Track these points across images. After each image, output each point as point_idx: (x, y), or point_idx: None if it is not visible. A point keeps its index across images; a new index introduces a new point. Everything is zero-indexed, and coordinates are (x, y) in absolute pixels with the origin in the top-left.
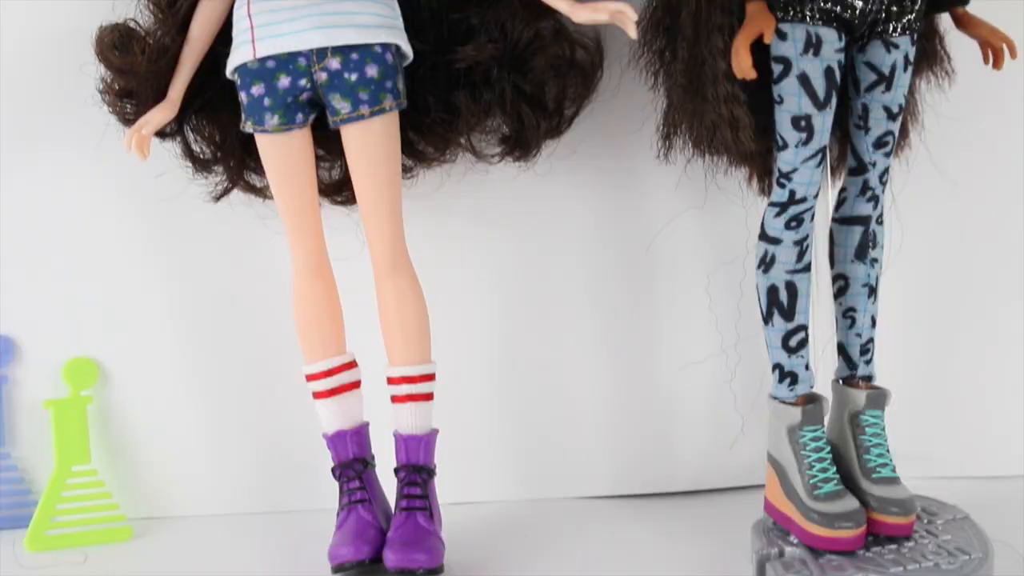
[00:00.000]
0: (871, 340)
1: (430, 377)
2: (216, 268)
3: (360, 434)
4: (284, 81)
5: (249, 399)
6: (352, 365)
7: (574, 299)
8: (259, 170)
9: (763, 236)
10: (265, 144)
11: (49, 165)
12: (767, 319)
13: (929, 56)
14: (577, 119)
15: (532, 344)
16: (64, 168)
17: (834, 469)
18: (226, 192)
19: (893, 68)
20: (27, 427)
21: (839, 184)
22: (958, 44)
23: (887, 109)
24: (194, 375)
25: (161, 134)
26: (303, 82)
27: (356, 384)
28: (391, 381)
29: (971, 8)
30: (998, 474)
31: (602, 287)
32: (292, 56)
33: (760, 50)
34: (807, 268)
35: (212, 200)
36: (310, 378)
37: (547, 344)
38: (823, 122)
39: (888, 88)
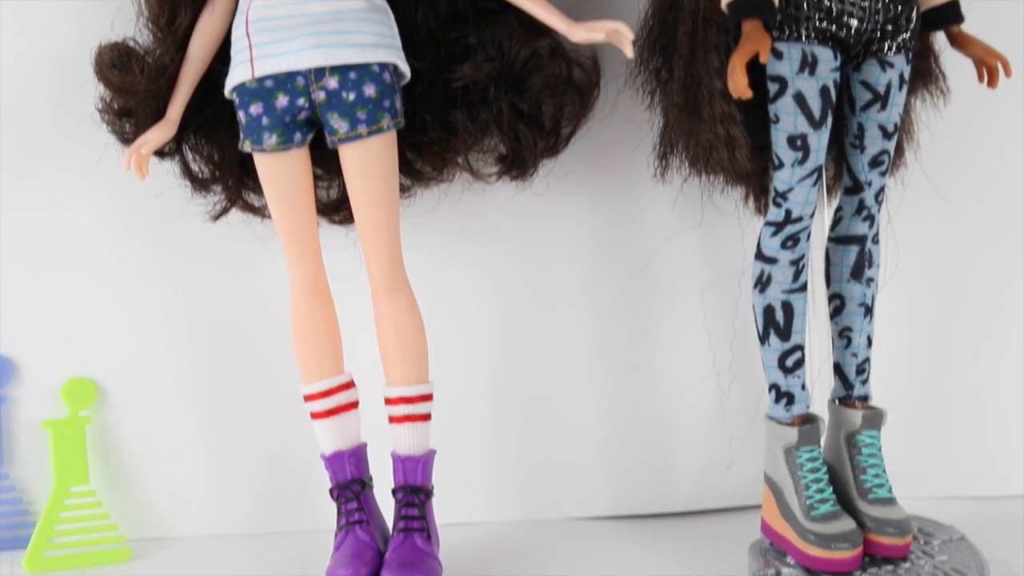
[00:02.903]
0: (867, 360)
1: (428, 398)
2: (215, 288)
3: (358, 455)
4: (282, 100)
5: (247, 419)
6: (350, 385)
7: (571, 318)
8: (257, 189)
9: (759, 256)
10: (263, 164)
11: (48, 184)
12: (763, 339)
13: (924, 75)
14: (574, 138)
15: (529, 364)
16: (63, 187)
17: (831, 490)
18: (224, 211)
19: (888, 87)
20: (26, 447)
21: (835, 203)
22: (953, 63)
23: (882, 128)
24: (193, 396)
25: (160, 153)
26: (301, 101)
27: (354, 404)
28: (389, 402)
29: (968, 17)
30: (994, 494)
31: (599, 306)
32: (290, 75)
33: (756, 69)
34: (803, 288)
35: (211, 219)
36: (308, 398)
37: (544, 363)
38: (819, 141)
39: (883, 107)
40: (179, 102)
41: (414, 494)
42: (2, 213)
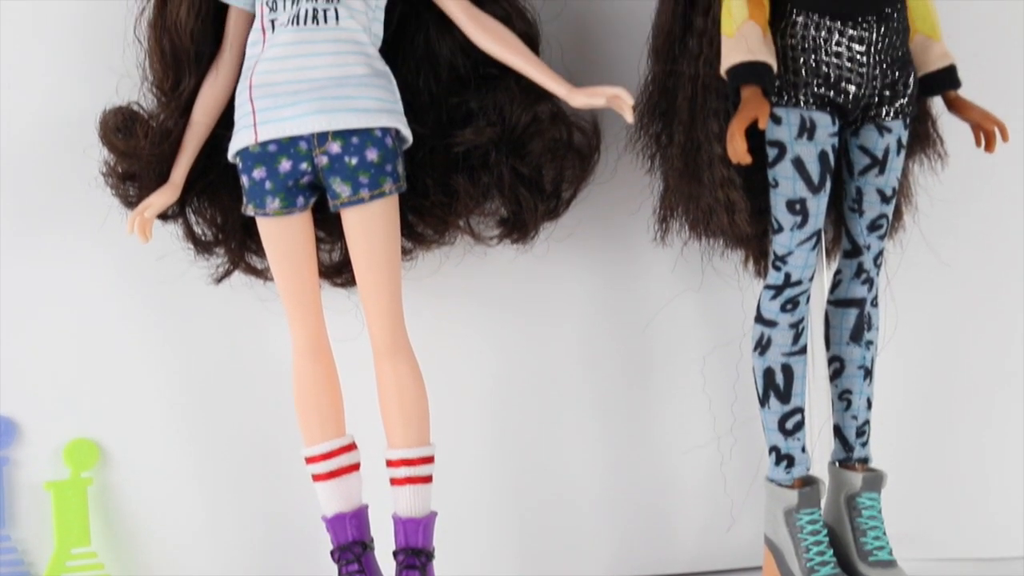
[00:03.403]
0: (867, 422)
1: (429, 459)
2: (217, 350)
3: (359, 517)
4: (285, 165)
5: (249, 482)
6: (351, 447)
7: (571, 380)
8: (260, 252)
9: (759, 319)
10: (266, 227)
11: (52, 245)
12: (763, 402)
13: (922, 139)
14: (574, 201)
15: (530, 426)
16: (67, 249)
17: (831, 552)
18: (227, 274)
19: (886, 152)
20: (27, 508)
21: (834, 266)
22: (951, 127)
23: (881, 192)
24: (194, 458)
25: (163, 216)
26: (304, 166)
27: (355, 467)
28: (390, 464)
29: (966, 82)
30: (995, 556)
31: (599, 368)
32: (293, 140)
33: (755, 133)
34: (803, 350)
35: (213, 282)
36: (309, 460)
37: (545, 426)
38: (818, 205)
39: (881, 172)
40: (183, 166)
41: (415, 556)
42: (5, 274)
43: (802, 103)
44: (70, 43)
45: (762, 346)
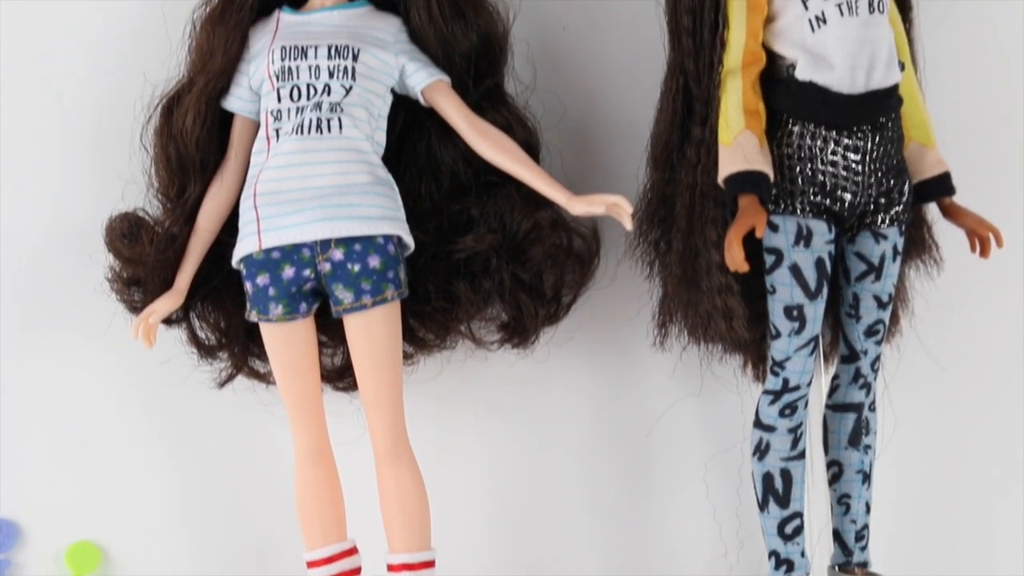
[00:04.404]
0: (866, 526)
1: (430, 564)
2: (219, 453)
3: None
4: (288, 271)
5: None
6: (353, 551)
7: (572, 486)
8: (263, 356)
9: (758, 424)
10: (269, 333)
11: (56, 349)
12: (763, 506)
13: (918, 244)
14: (574, 306)
15: (531, 532)
16: (71, 353)
17: None
18: (230, 378)
19: (882, 258)
20: None
21: (832, 370)
22: (946, 233)
23: (877, 298)
24: (196, 561)
25: (167, 321)
26: (307, 272)
27: (356, 571)
28: (391, 568)
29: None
30: None
31: (600, 474)
32: (297, 247)
33: (753, 239)
34: (801, 455)
35: (216, 386)
36: (311, 565)
37: (545, 532)
38: (815, 312)
39: (878, 278)
40: (187, 272)
41: None
42: (11, 376)
43: (799, 211)
44: (78, 149)
45: (761, 451)
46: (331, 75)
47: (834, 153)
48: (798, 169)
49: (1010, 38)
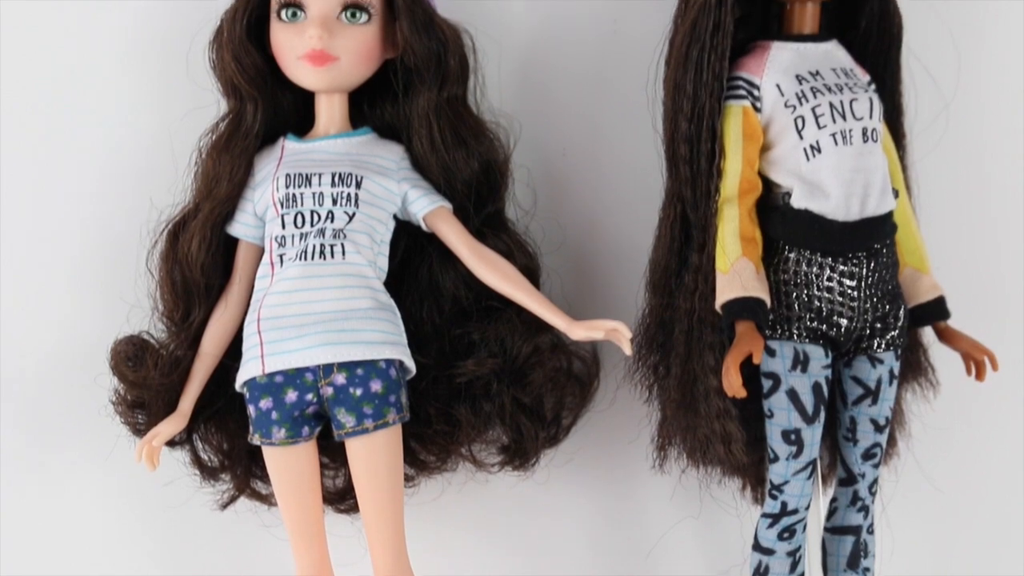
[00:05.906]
0: None
1: None
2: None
3: None
4: (291, 395)
5: None
6: None
7: None
8: (265, 478)
9: (756, 547)
10: (272, 457)
11: (59, 472)
12: None
13: (914, 367)
14: (574, 428)
15: None
16: (74, 476)
17: None
18: (233, 500)
19: (879, 383)
20: None
21: (830, 492)
22: (942, 356)
23: (874, 422)
24: None
25: (170, 443)
26: (309, 396)
27: None
28: None
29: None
30: None
31: None
32: (300, 371)
33: (750, 363)
34: None
35: (219, 508)
36: None
37: None
38: (812, 436)
39: (875, 402)
40: (191, 396)
41: None
42: (13, 497)
43: (795, 336)
44: (84, 273)
45: (760, 574)
46: (335, 202)
47: (830, 279)
48: (794, 295)
49: (1002, 165)
